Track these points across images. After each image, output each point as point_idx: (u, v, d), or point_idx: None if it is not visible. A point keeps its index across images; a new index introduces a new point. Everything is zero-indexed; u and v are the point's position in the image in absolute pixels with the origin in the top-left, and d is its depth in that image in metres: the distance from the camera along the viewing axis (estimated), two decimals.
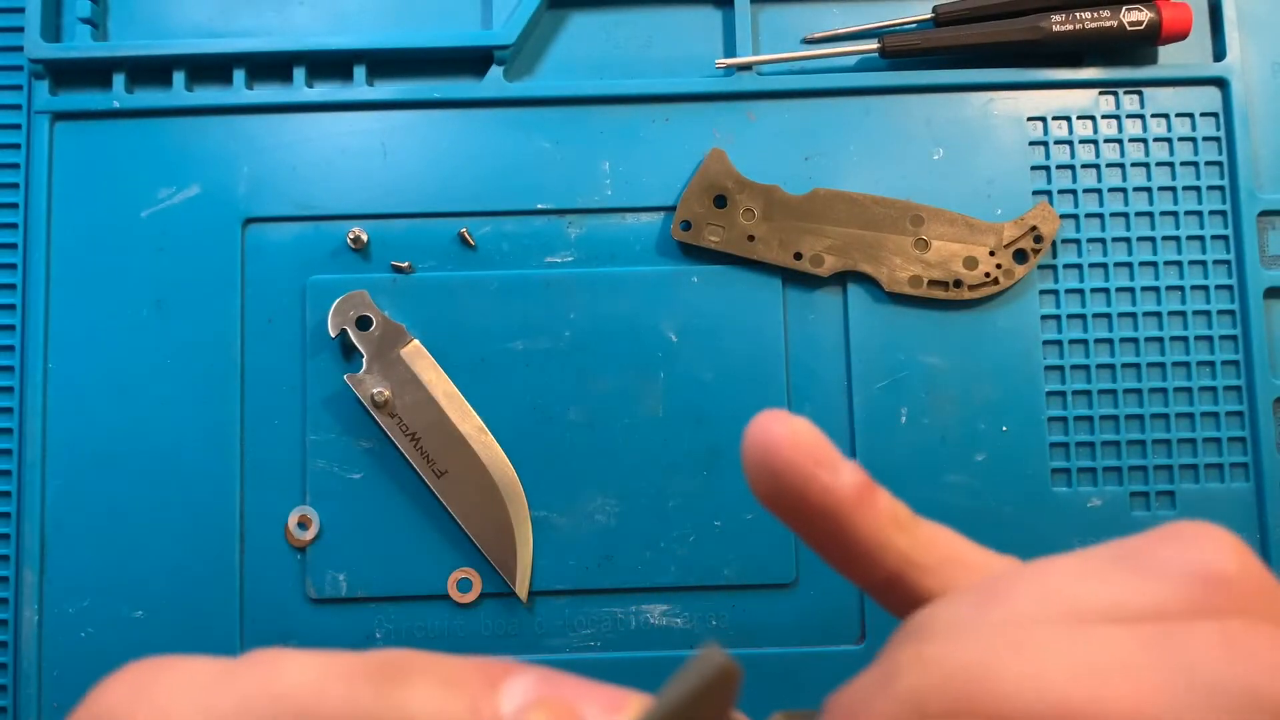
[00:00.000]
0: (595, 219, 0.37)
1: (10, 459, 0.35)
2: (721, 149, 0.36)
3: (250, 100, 0.37)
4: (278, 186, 0.36)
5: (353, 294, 0.35)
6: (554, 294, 0.36)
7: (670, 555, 0.35)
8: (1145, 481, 0.36)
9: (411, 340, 0.35)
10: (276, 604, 0.35)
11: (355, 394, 0.35)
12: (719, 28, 0.38)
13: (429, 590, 0.35)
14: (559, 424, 0.36)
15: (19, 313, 0.36)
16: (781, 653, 0.35)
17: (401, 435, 0.35)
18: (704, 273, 0.36)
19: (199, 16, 0.38)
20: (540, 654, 0.35)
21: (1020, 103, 0.37)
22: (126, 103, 0.37)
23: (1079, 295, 0.36)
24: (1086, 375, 0.36)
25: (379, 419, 0.35)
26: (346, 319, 0.35)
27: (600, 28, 0.38)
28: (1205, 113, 0.37)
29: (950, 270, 0.36)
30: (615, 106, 0.37)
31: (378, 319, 0.35)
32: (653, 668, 0.35)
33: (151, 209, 0.36)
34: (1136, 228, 0.37)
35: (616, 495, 0.35)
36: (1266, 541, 0.35)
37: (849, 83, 0.37)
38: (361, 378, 0.35)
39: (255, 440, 0.35)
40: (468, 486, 0.35)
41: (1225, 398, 0.36)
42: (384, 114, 0.37)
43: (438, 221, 0.36)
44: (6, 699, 0.34)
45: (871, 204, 0.36)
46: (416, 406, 0.35)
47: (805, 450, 0.18)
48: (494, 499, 0.35)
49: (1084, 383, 0.36)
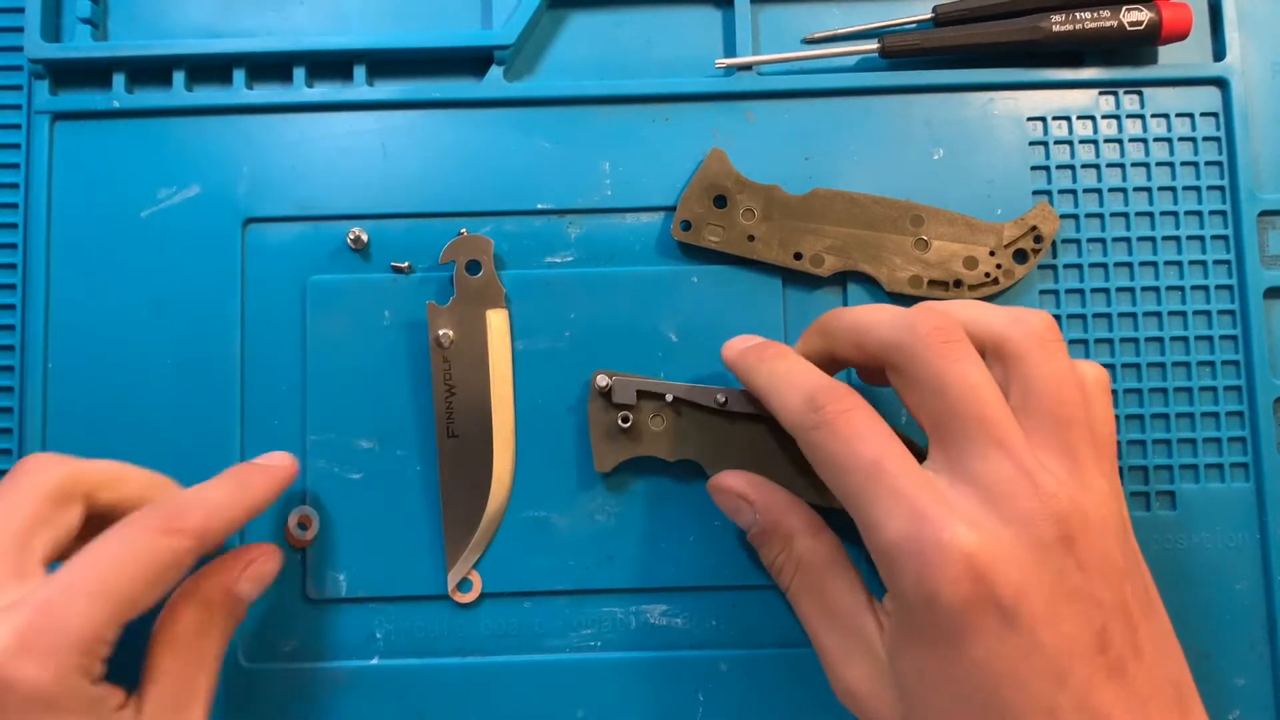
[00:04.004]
0: (595, 219, 0.37)
1: (10, 459, 0.35)
2: (721, 149, 0.36)
3: (250, 100, 0.37)
4: (278, 186, 0.36)
5: (479, 237, 0.35)
6: (554, 294, 0.36)
7: (670, 555, 0.35)
8: (1145, 481, 0.36)
9: (503, 309, 0.35)
10: (276, 604, 0.35)
11: (424, 329, 0.35)
12: (719, 28, 0.38)
13: (429, 590, 0.35)
14: (559, 424, 0.36)
15: (19, 312, 0.36)
16: (781, 653, 0.35)
17: (441, 381, 0.35)
18: (704, 273, 0.36)
19: (199, 16, 0.38)
20: (540, 654, 0.35)
21: (1020, 103, 0.37)
22: (126, 103, 0.37)
23: (1079, 295, 0.36)
24: None
25: (431, 355, 0.35)
26: (461, 255, 0.35)
27: (600, 28, 0.38)
28: (1205, 113, 0.37)
29: (950, 270, 0.36)
30: (615, 106, 0.37)
31: (486, 271, 0.35)
32: (653, 668, 0.35)
33: (151, 209, 0.36)
34: (1136, 228, 0.37)
35: (616, 495, 0.35)
36: (1266, 541, 0.35)
37: (849, 83, 0.37)
38: (441, 311, 0.35)
39: (255, 440, 0.35)
40: (467, 465, 0.35)
41: (1225, 398, 0.36)
42: (384, 114, 0.37)
43: (438, 221, 0.36)
44: None
45: (871, 204, 0.36)
46: (469, 366, 0.35)
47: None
48: (481, 487, 0.35)
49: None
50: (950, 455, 0.26)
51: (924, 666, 0.26)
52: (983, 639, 0.24)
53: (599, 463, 0.34)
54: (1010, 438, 0.25)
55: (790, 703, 0.34)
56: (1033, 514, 0.24)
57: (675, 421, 0.34)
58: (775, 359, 0.30)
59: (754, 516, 0.31)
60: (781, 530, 0.31)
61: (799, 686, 0.34)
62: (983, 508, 0.25)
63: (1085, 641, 0.24)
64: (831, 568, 0.30)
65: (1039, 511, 0.24)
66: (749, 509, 0.31)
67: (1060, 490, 0.25)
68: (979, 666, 0.24)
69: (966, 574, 0.24)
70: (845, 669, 0.28)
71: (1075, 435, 0.26)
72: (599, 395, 0.34)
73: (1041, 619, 0.24)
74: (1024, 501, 0.24)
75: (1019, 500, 0.24)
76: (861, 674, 0.28)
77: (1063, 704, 0.24)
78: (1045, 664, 0.24)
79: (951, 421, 0.26)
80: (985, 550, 0.24)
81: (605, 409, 0.34)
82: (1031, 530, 0.24)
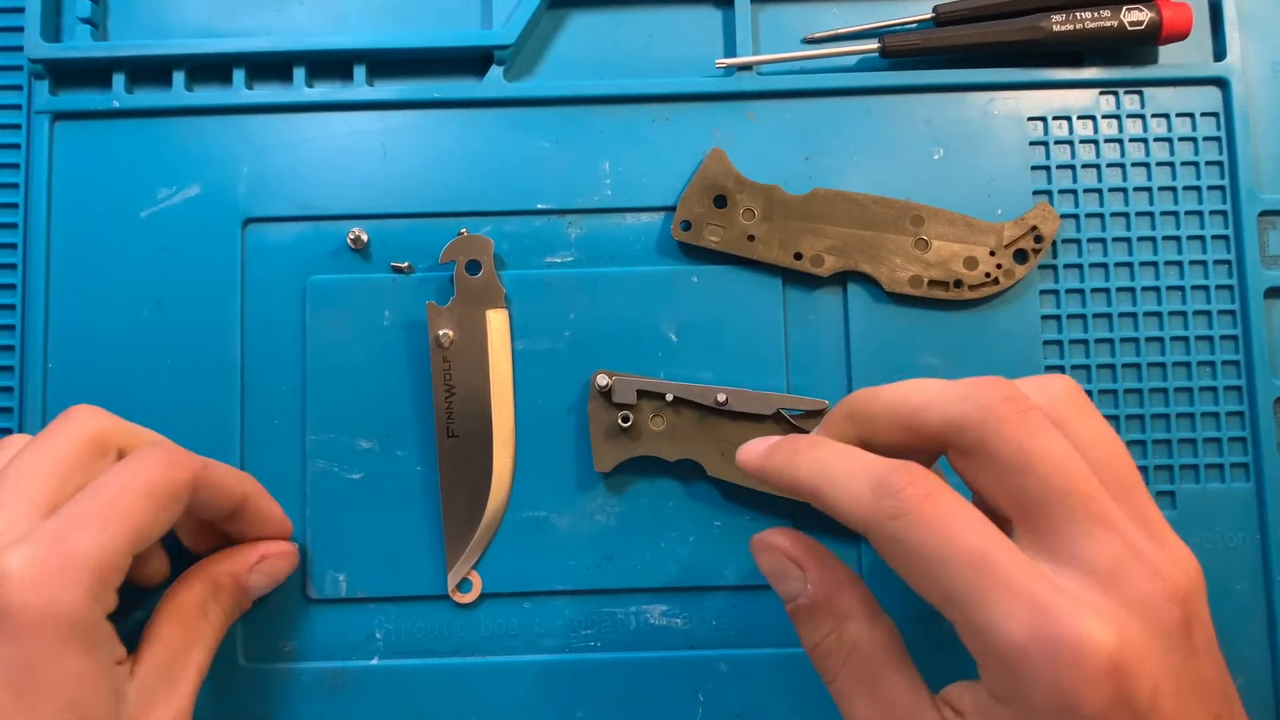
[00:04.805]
0: (595, 219, 0.37)
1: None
2: (721, 149, 0.36)
3: (250, 100, 0.37)
4: (278, 186, 0.36)
5: (479, 237, 0.35)
6: (554, 294, 0.36)
7: (670, 555, 0.35)
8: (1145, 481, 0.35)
9: (503, 309, 0.35)
10: (276, 604, 0.35)
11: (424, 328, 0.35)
12: (719, 28, 0.38)
13: (429, 590, 0.35)
14: (559, 424, 0.36)
15: (19, 313, 0.36)
16: (781, 653, 0.35)
17: (441, 381, 0.35)
18: (704, 273, 0.36)
19: (199, 16, 0.38)
20: (540, 654, 0.35)
21: (1020, 103, 0.37)
22: (126, 103, 0.37)
23: (1079, 295, 0.36)
24: (1087, 375, 0.36)
25: (431, 355, 0.35)
26: (461, 255, 0.35)
27: (600, 28, 0.38)
28: (1205, 113, 0.37)
29: (950, 270, 0.36)
30: (615, 106, 0.37)
31: (486, 271, 0.35)
32: (653, 668, 0.35)
33: (151, 209, 0.36)
34: (1136, 228, 0.37)
35: (616, 495, 0.35)
36: (1266, 541, 0.35)
37: (849, 83, 0.37)
38: (441, 311, 0.35)
39: (255, 440, 0.35)
40: (466, 465, 0.35)
41: (1225, 398, 0.36)
42: (384, 114, 0.37)
43: (438, 221, 0.36)
44: None
45: (871, 204, 0.36)
46: (469, 366, 0.35)
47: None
48: (480, 487, 0.35)
49: (1084, 383, 0.36)
50: (1049, 539, 0.23)
51: None
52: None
53: (599, 462, 0.34)
54: (1111, 513, 0.23)
55: (790, 703, 0.34)
56: (1154, 596, 0.22)
57: (675, 421, 0.34)
58: (815, 448, 0.26)
59: (804, 587, 0.27)
60: (835, 609, 0.26)
61: (799, 686, 0.34)
62: (1104, 596, 0.22)
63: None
64: (890, 660, 0.25)
65: (1160, 594, 0.22)
66: (800, 577, 0.27)
67: (1172, 568, 0.22)
68: None
69: (1110, 675, 0.21)
70: None
71: (1143, 499, 0.24)
72: (599, 395, 0.34)
73: (1169, 716, 0.21)
74: (1143, 584, 0.22)
75: (1138, 583, 0.22)
76: None
77: None
78: None
79: (1044, 502, 0.23)
80: (1125, 646, 0.21)
81: (605, 409, 0.34)
82: (1155, 615, 0.22)
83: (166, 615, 0.30)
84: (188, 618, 0.30)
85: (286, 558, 0.33)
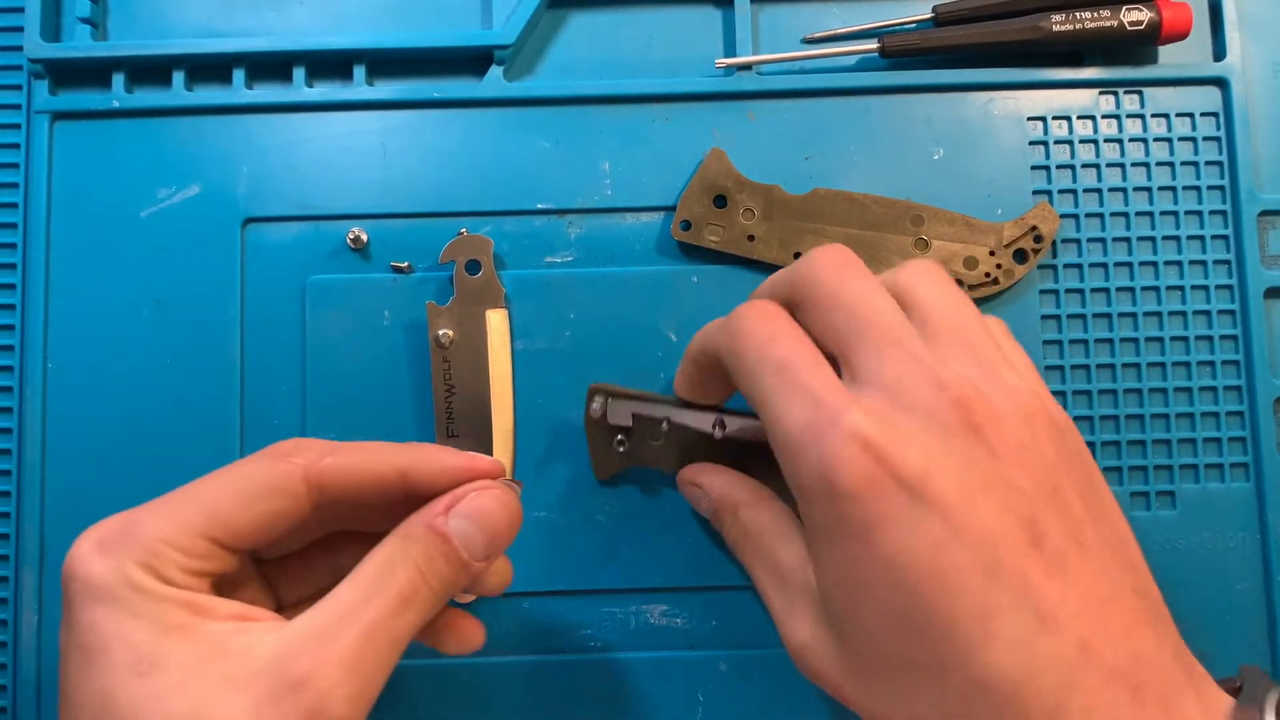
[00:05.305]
0: (595, 219, 0.37)
1: (10, 459, 0.35)
2: (721, 149, 0.36)
3: (250, 100, 0.37)
4: (278, 186, 0.36)
5: (479, 237, 0.35)
6: (554, 294, 0.36)
7: (670, 555, 0.35)
8: (1145, 481, 0.36)
9: (503, 309, 0.35)
10: None
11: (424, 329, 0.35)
12: (719, 28, 0.38)
13: None
14: (559, 424, 0.36)
15: (19, 313, 0.36)
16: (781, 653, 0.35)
17: (441, 381, 0.35)
18: (704, 273, 0.36)
19: (199, 16, 0.38)
20: (540, 654, 0.35)
21: (1020, 103, 0.37)
22: (126, 103, 0.37)
23: (1079, 295, 0.36)
24: (1087, 375, 0.36)
25: (431, 355, 0.35)
26: (461, 255, 0.35)
27: (600, 28, 0.38)
28: (1205, 113, 0.37)
29: (950, 270, 0.36)
30: (615, 106, 0.37)
31: (486, 271, 0.35)
32: (653, 668, 0.35)
33: (151, 209, 0.36)
34: (1136, 228, 0.37)
35: (616, 495, 0.35)
36: (1266, 541, 0.35)
37: (849, 83, 0.37)
38: (441, 311, 0.35)
39: (255, 440, 0.35)
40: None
41: (1225, 398, 0.36)
42: (384, 114, 0.37)
43: (438, 221, 0.36)
44: (6, 699, 0.35)
45: (871, 204, 0.36)
46: (469, 366, 0.35)
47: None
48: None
49: (1084, 383, 0.36)
50: (852, 364, 0.25)
51: (842, 576, 0.24)
52: (892, 526, 0.23)
53: (598, 473, 0.34)
54: (907, 339, 0.25)
55: (790, 703, 0.34)
56: (932, 402, 0.24)
57: (673, 438, 0.34)
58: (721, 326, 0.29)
59: (709, 499, 0.32)
60: (729, 504, 0.31)
61: (799, 686, 0.34)
62: (883, 399, 0.24)
63: (1012, 532, 0.22)
64: (775, 527, 0.29)
65: (938, 400, 0.24)
66: (704, 494, 0.32)
67: (960, 381, 0.24)
68: (893, 563, 0.23)
69: (863, 452, 0.23)
70: (791, 623, 0.27)
71: (977, 339, 0.26)
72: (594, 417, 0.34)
73: (954, 502, 0.23)
74: (923, 392, 0.24)
75: (918, 391, 0.24)
76: (804, 624, 0.27)
77: (998, 602, 0.22)
78: (967, 555, 0.22)
79: (849, 332, 0.25)
80: (883, 432, 0.23)
81: (602, 427, 0.34)
82: (933, 417, 0.24)
83: (348, 577, 0.26)
84: (364, 576, 0.26)
85: (488, 494, 0.27)
